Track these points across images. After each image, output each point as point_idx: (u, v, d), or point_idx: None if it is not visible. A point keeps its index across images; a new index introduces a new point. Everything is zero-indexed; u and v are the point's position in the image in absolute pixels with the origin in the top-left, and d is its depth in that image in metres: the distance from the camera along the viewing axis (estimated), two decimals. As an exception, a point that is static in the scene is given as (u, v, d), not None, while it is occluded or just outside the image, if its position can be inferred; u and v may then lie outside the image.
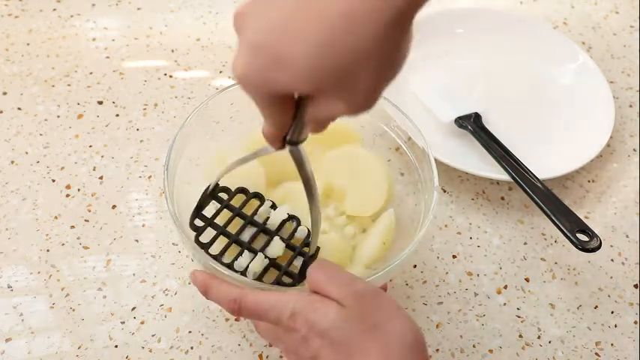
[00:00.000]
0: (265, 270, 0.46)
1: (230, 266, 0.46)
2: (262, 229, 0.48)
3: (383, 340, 0.37)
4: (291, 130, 0.36)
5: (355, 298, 0.38)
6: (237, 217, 0.49)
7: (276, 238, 0.48)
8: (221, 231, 0.48)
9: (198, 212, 0.49)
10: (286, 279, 0.46)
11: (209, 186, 0.49)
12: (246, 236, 0.48)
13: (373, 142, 0.57)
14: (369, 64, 0.31)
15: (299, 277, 0.46)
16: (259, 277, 0.46)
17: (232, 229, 0.48)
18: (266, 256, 0.47)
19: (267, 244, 0.48)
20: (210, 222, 0.48)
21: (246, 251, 0.47)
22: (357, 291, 0.38)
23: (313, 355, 0.38)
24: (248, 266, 0.46)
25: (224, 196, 0.50)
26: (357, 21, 0.29)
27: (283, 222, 0.49)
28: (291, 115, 0.35)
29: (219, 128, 0.55)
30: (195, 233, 0.47)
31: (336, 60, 0.30)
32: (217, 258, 0.46)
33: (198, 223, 0.48)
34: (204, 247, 0.47)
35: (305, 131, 0.37)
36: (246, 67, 0.32)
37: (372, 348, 0.37)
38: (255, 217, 0.49)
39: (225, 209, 0.49)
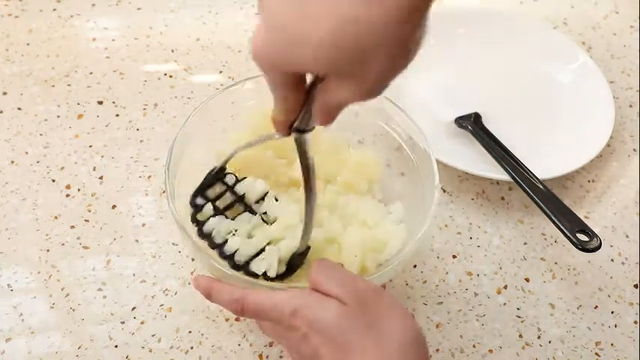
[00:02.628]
0: (255, 256, 0.47)
1: (221, 247, 0.47)
2: (261, 219, 0.49)
3: (382, 338, 0.37)
4: (300, 116, 0.37)
5: (355, 297, 0.38)
6: (237, 204, 0.49)
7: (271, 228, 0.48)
8: (219, 212, 0.48)
9: (200, 191, 0.49)
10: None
11: (215, 167, 0.50)
12: (242, 222, 0.48)
13: (373, 142, 0.57)
14: (384, 49, 0.31)
15: (285, 272, 0.47)
16: (249, 260, 0.46)
17: (231, 213, 0.49)
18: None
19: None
20: (210, 201, 0.49)
21: (239, 236, 0.47)
22: (357, 289, 0.39)
23: (313, 353, 0.38)
24: (238, 251, 0.47)
25: (231, 179, 0.50)
26: (378, 4, 0.29)
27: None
28: (301, 101, 0.36)
29: (219, 128, 0.55)
30: (193, 210, 0.48)
31: (356, 39, 0.30)
32: (208, 237, 0.47)
33: (200, 201, 0.49)
34: (200, 224, 0.48)
35: (313, 120, 0.37)
36: (266, 44, 0.32)
37: (371, 346, 0.37)
38: (255, 207, 0.49)
39: (227, 193, 0.50)
